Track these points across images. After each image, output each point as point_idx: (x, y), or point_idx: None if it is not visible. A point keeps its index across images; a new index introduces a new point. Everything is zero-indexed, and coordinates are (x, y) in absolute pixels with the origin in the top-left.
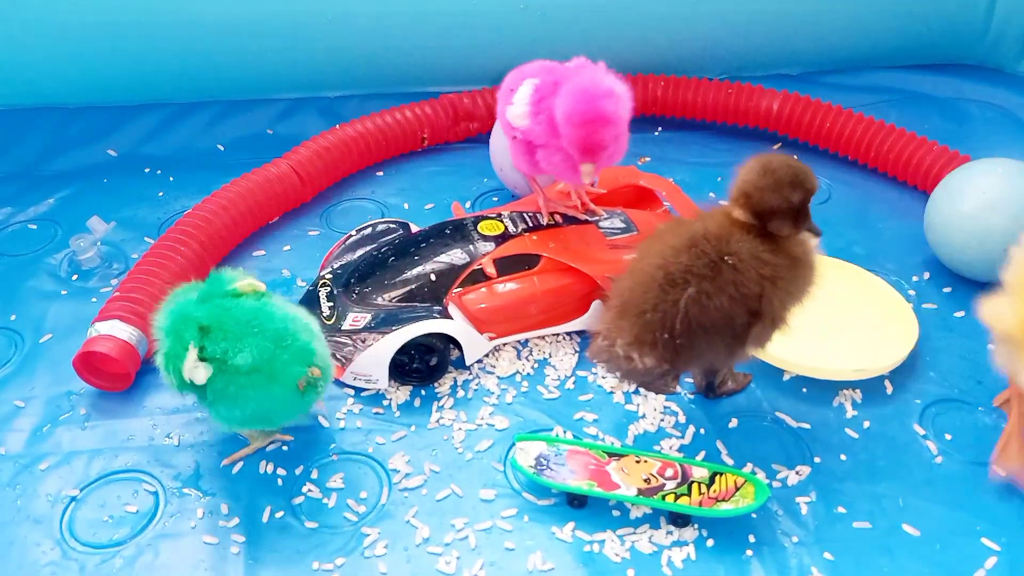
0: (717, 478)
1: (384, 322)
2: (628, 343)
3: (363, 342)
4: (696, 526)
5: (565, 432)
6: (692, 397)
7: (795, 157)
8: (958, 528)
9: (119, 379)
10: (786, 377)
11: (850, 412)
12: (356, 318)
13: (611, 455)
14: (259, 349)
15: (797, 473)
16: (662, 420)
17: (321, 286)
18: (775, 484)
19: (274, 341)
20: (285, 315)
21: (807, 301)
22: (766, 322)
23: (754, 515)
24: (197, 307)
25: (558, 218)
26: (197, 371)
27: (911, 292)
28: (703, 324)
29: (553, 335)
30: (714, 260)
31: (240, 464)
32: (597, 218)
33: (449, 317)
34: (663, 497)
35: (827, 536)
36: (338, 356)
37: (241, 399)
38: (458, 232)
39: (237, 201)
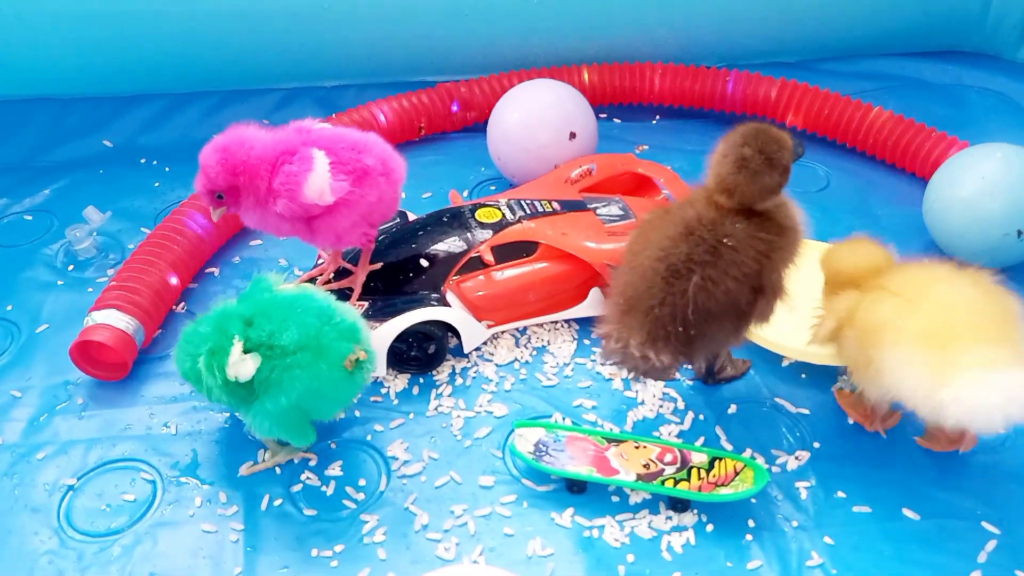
0: (716, 463)
1: (382, 310)
2: (642, 342)
3: None
4: (695, 511)
5: (564, 418)
6: (691, 383)
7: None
8: (958, 512)
9: (116, 368)
10: (785, 363)
11: None
12: (355, 306)
13: (610, 441)
14: (304, 326)
15: (796, 458)
16: (661, 406)
17: None
18: (774, 469)
19: (318, 317)
20: (328, 297)
21: (798, 265)
22: (769, 296)
23: (754, 500)
24: (238, 305)
25: (556, 205)
26: (244, 364)
27: None
28: (711, 310)
29: (551, 323)
30: (713, 245)
31: (251, 469)
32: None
33: (447, 305)
34: (662, 482)
35: (827, 520)
36: None
37: (288, 383)
38: (456, 220)
39: None
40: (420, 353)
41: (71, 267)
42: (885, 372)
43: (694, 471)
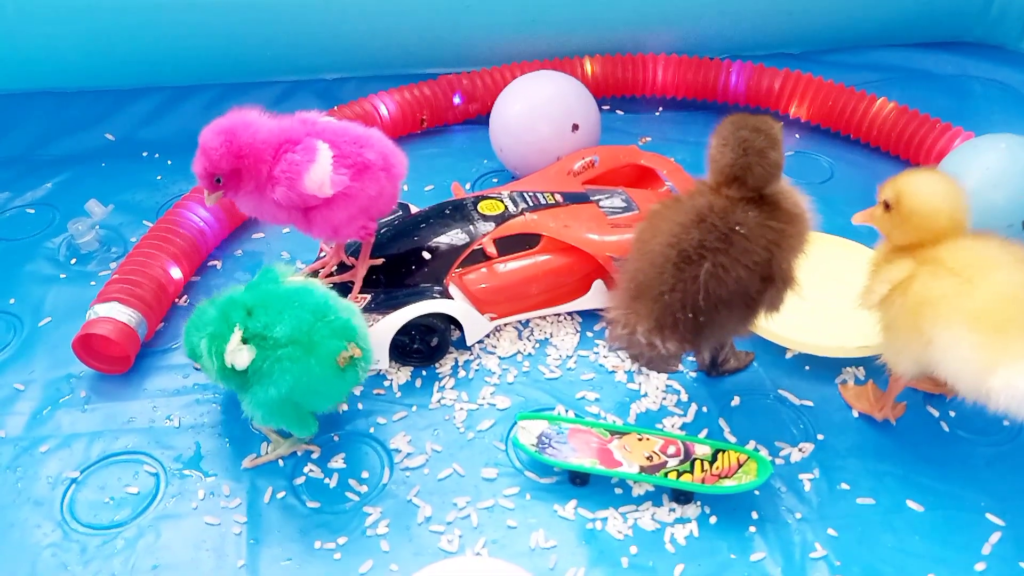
0: (719, 455)
1: (384, 303)
2: (649, 329)
3: None
4: (699, 503)
5: (567, 411)
6: (694, 375)
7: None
8: (962, 504)
9: (119, 361)
10: (788, 355)
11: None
12: (356, 299)
13: (613, 433)
14: (296, 320)
15: (800, 450)
16: (664, 398)
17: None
18: (778, 461)
19: (312, 313)
20: (327, 294)
21: (807, 253)
22: (779, 285)
23: (757, 492)
24: (244, 293)
25: (558, 197)
26: (240, 354)
27: None
28: (721, 297)
29: (554, 315)
30: (725, 232)
31: (254, 461)
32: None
33: (450, 297)
34: (665, 474)
35: (830, 512)
36: None
37: (277, 375)
38: (458, 212)
39: None
40: (423, 346)
41: (73, 260)
42: (934, 347)
43: (697, 463)
